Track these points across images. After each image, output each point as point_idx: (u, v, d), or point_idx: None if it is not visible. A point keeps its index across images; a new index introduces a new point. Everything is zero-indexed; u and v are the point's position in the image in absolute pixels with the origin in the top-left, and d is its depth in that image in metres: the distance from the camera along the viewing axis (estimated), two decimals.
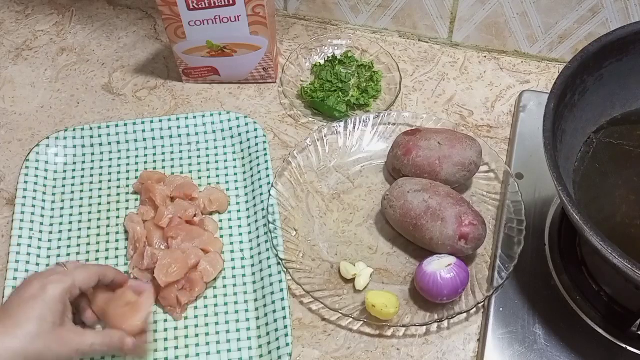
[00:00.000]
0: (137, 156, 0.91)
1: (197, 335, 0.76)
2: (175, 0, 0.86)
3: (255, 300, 0.78)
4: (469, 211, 0.76)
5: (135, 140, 0.91)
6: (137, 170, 0.89)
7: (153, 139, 0.91)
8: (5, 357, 0.61)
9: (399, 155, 0.84)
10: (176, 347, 0.75)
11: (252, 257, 0.81)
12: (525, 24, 0.95)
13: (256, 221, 0.84)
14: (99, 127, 0.91)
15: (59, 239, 0.83)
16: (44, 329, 0.63)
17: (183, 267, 0.76)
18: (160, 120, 0.92)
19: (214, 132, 0.92)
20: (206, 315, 0.77)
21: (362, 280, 0.78)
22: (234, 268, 0.81)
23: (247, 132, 0.91)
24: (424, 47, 1.03)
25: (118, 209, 0.86)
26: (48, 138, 0.90)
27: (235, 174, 0.89)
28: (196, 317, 0.77)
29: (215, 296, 0.79)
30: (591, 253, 0.77)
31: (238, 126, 0.92)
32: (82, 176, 0.89)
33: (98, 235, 0.84)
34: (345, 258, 0.81)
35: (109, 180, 0.88)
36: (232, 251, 0.82)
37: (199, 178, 0.89)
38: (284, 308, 0.75)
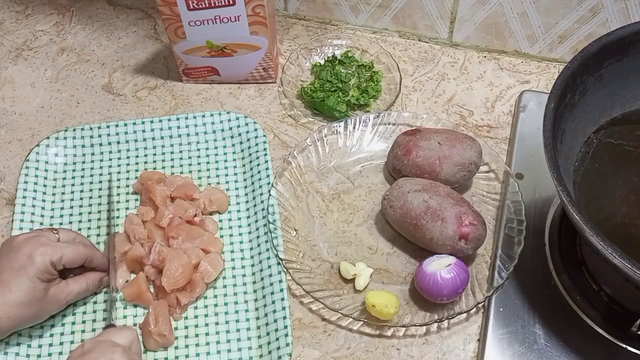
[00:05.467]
0: (137, 156, 0.91)
1: (197, 335, 0.76)
2: (175, 0, 0.86)
3: (255, 300, 0.78)
4: (469, 211, 0.76)
5: (135, 140, 0.91)
6: (137, 170, 0.89)
7: (153, 139, 0.91)
8: (6, 323, 0.69)
9: (399, 155, 0.84)
10: (176, 347, 0.75)
11: (252, 257, 0.81)
12: (525, 24, 0.95)
13: (256, 221, 0.84)
14: (99, 127, 0.91)
15: None
16: (35, 295, 0.70)
17: (188, 272, 0.77)
18: (160, 120, 0.92)
19: (214, 132, 0.92)
20: (206, 315, 0.77)
21: (362, 280, 0.78)
22: (234, 268, 0.81)
23: (247, 132, 0.91)
24: (424, 47, 1.03)
25: (118, 209, 0.86)
26: (48, 138, 0.90)
27: (235, 174, 0.89)
28: (196, 317, 0.77)
29: (215, 296, 0.79)
30: (591, 253, 0.77)
31: (238, 126, 0.92)
32: (82, 176, 0.89)
33: (98, 235, 0.84)
34: (345, 258, 0.81)
35: (109, 180, 0.88)
36: (232, 251, 0.82)
37: (199, 178, 0.89)
38: (284, 308, 0.75)
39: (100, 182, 0.88)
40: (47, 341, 0.75)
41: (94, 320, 0.77)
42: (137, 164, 0.90)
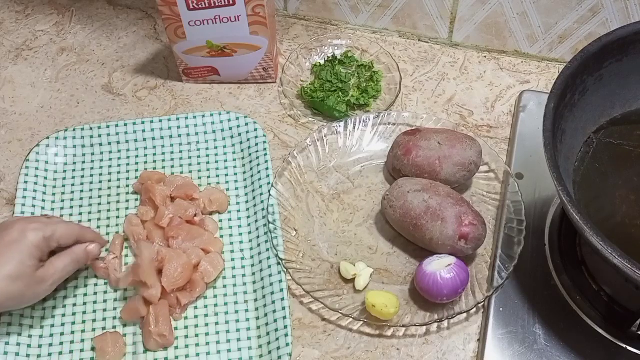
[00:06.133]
0: (137, 156, 0.91)
1: (197, 335, 0.76)
2: (175, 0, 0.86)
3: (255, 300, 0.78)
4: (469, 211, 0.76)
5: (135, 140, 0.91)
6: (137, 170, 0.89)
7: (153, 139, 0.91)
8: None
9: (399, 155, 0.84)
10: (176, 347, 0.75)
11: (252, 257, 0.81)
12: (525, 24, 0.95)
13: (256, 221, 0.84)
14: (99, 127, 0.91)
15: None
16: (24, 271, 0.69)
17: (188, 272, 0.77)
18: (160, 120, 0.92)
19: (214, 132, 0.92)
20: (206, 315, 0.77)
21: (362, 280, 0.78)
22: (234, 268, 0.81)
23: (247, 132, 0.91)
24: (424, 47, 1.03)
25: (118, 209, 0.86)
26: (48, 138, 0.90)
27: (235, 174, 0.89)
28: (196, 317, 0.77)
29: (215, 296, 0.79)
30: (591, 253, 0.77)
31: (238, 126, 0.92)
32: (82, 176, 0.89)
33: None
34: (345, 258, 0.81)
35: (109, 180, 0.88)
36: (232, 251, 0.82)
37: (199, 178, 0.89)
38: (284, 308, 0.75)
39: (100, 182, 0.88)
40: (47, 341, 0.75)
41: (94, 320, 0.77)
42: (137, 164, 0.90)
